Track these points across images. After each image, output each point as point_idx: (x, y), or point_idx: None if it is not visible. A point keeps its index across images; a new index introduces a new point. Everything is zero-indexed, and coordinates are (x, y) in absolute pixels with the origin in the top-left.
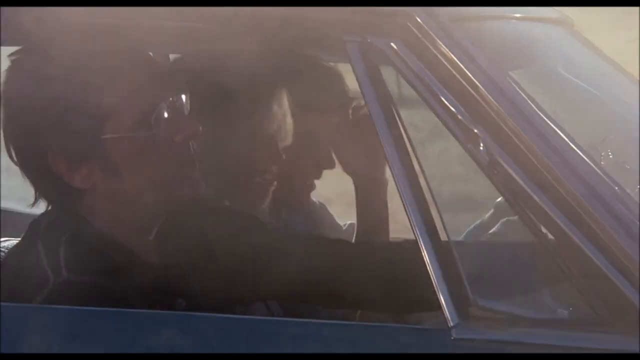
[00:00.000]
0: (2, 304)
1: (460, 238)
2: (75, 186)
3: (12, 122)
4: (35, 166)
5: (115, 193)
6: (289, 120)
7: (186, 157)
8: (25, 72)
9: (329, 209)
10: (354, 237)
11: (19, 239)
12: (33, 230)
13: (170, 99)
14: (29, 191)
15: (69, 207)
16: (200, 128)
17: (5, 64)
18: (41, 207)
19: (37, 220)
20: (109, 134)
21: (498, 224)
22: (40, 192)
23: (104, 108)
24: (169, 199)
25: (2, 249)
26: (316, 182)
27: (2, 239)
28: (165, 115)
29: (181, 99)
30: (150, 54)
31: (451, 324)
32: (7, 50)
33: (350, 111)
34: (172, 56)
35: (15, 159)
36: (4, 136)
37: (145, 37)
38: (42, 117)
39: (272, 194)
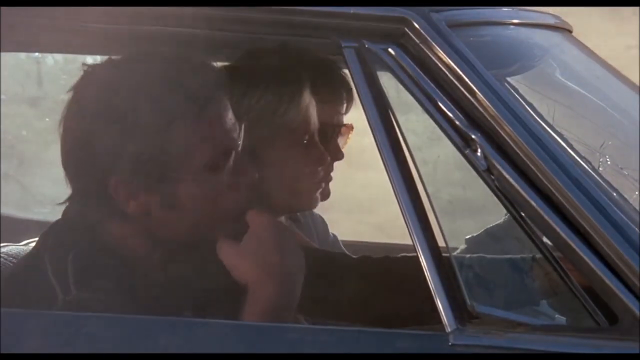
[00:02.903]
0: (3, 309)
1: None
2: (126, 211)
3: (76, 139)
4: (91, 183)
5: (164, 224)
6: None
7: (239, 199)
8: (101, 91)
9: (325, 213)
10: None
11: (18, 244)
12: (42, 243)
13: (238, 142)
14: (28, 197)
15: (88, 222)
16: (257, 175)
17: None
18: (38, 213)
19: (46, 232)
20: (178, 172)
21: (490, 228)
22: (77, 200)
23: (181, 147)
24: (214, 236)
25: (1, 255)
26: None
27: (2, 245)
28: (232, 158)
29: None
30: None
31: (449, 329)
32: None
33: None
34: None
35: (67, 164)
36: (63, 148)
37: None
38: (118, 145)
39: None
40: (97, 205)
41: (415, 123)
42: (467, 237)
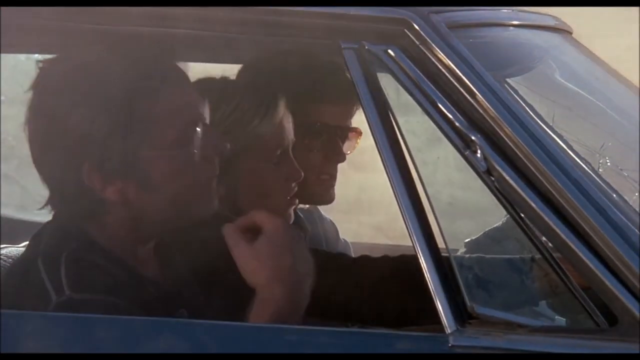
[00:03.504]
0: (3, 312)
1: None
2: (106, 199)
3: (44, 133)
4: (64, 176)
5: (144, 206)
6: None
7: (213, 172)
8: (59, 82)
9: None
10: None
11: (18, 246)
12: (34, 245)
13: (204, 115)
14: (28, 198)
15: (80, 223)
16: (228, 145)
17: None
18: (38, 214)
19: (38, 234)
20: (148, 150)
21: (489, 231)
22: (55, 201)
23: (146, 124)
24: (192, 212)
25: (1, 257)
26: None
27: (2, 246)
28: (200, 131)
29: (207, 112)
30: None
31: (449, 330)
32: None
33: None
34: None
35: (39, 164)
36: (31, 145)
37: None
38: (83, 131)
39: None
40: (76, 200)
41: (415, 124)
42: (466, 240)
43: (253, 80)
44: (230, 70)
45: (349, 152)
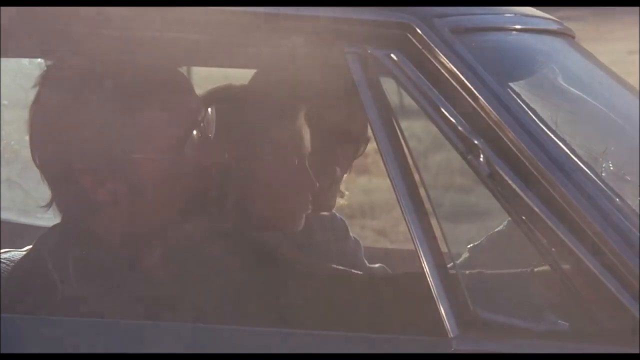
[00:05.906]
0: (3, 315)
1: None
2: (96, 200)
3: (42, 131)
4: (59, 176)
5: (136, 210)
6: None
7: (209, 181)
8: (59, 84)
9: None
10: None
11: (20, 250)
12: (42, 244)
13: (202, 124)
14: (30, 203)
15: (82, 221)
16: (226, 155)
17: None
18: (42, 218)
19: (47, 234)
20: (139, 154)
21: (492, 235)
22: (58, 201)
23: (139, 128)
24: (188, 220)
25: (2, 261)
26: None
27: (3, 250)
28: (196, 139)
29: (207, 122)
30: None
31: (451, 335)
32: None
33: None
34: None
35: (38, 164)
36: (31, 142)
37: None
38: (74, 131)
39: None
40: (76, 200)
41: (417, 129)
42: (470, 245)
43: (267, 87)
44: (232, 73)
45: (355, 157)
